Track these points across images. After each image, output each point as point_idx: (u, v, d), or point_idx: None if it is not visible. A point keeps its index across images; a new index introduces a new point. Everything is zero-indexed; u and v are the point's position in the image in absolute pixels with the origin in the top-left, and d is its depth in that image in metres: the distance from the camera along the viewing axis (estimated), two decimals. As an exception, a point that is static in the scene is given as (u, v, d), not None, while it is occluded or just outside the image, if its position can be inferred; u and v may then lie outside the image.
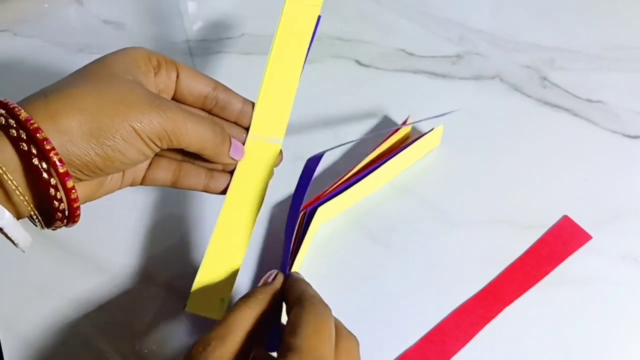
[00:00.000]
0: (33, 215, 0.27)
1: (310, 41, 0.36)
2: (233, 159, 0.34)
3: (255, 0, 0.59)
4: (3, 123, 0.25)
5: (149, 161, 0.34)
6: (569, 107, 0.50)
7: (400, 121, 0.48)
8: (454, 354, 0.38)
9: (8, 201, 0.26)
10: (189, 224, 0.43)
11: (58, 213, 0.27)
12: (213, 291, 0.33)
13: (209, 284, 0.33)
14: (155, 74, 0.31)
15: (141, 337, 0.38)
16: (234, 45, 0.55)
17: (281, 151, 0.36)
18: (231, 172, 0.35)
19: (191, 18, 0.58)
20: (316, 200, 0.41)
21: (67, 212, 0.27)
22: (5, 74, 0.53)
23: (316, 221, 0.40)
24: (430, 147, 0.47)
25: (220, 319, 0.27)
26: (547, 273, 0.41)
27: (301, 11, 0.36)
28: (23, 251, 0.27)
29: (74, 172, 0.27)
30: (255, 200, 0.34)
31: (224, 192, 0.35)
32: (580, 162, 0.47)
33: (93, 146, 0.27)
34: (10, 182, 0.25)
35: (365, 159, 0.43)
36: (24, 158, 0.25)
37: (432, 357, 0.38)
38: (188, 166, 0.34)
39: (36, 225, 0.28)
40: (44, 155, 0.25)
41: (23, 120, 0.25)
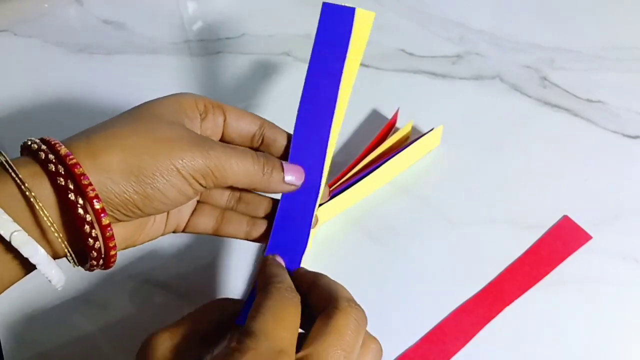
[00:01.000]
0: (67, 253, 0.26)
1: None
2: (292, 184, 0.32)
3: (255, 0, 0.59)
4: (43, 158, 0.25)
5: (194, 207, 0.33)
6: (569, 107, 0.50)
7: (400, 121, 0.48)
8: (454, 354, 0.38)
9: (43, 238, 0.25)
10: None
11: (93, 252, 0.26)
12: None
13: None
14: (202, 119, 0.31)
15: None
16: (234, 45, 0.55)
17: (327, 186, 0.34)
18: (269, 218, 0.33)
19: (191, 18, 0.58)
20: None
21: (103, 252, 0.27)
22: (5, 74, 0.53)
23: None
24: (430, 147, 0.47)
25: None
26: (547, 273, 0.41)
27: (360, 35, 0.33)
28: (57, 288, 0.27)
29: (112, 212, 0.26)
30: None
31: (262, 239, 0.33)
32: (580, 162, 0.47)
33: (132, 184, 0.26)
34: (46, 219, 0.24)
35: (365, 159, 0.43)
36: (61, 193, 0.25)
37: (432, 357, 0.38)
38: (230, 214, 0.33)
39: (70, 262, 0.27)
40: (81, 190, 0.25)
41: (63, 155, 0.25)
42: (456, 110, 0.50)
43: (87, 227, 0.25)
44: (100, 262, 0.27)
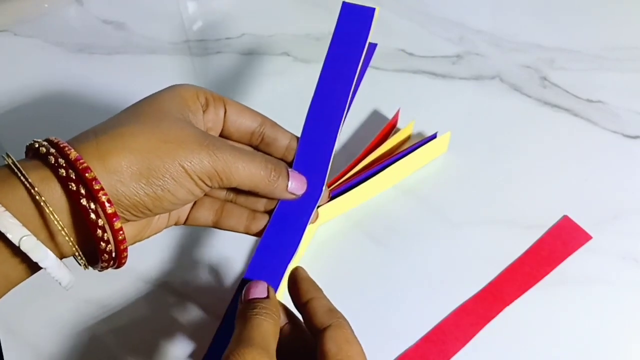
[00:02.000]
0: (77, 255, 0.26)
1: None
2: (293, 194, 0.31)
3: (255, 0, 0.59)
4: (52, 162, 0.25)
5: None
6: (569, 107, 0.50)
7: (400, 121, 0.48)
8: (454, 354, 0.38)
9: (51, 241, 0.25)
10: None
11: (105, 255, 0.26)
12: None
13: None
14: (203, 112, 0.31)
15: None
16: (234, 45, 0.55)
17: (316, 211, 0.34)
18: (269, 213, 0.33)
19: (191, 18, 0.58)
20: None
21: (115, 254, 0.27)
22: (5, 74, 0.53)
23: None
24: (436, 154, 0.46)
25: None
26: (547, 273, 0.41)
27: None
28: (66, 290, 0.27)
29: (122, 213, 0.27)
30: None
31: (261, 234, 0.33)
32: (580, 162, 0.47)
33: (142, 186, 0.26)
34: (56, 223, 0.24)
35: (365, 160, 0.43)
36: (72, 198, 0.25)
37: (432, 357, 0.38)
38: (230, 206, 0.33)
39: (80, 264, 0.27)
40: (93, 195, 0.25)
41: (73, 159, 0.25)
42: (456, 110, 0.50)
43: (100, 232, 0.25)
44: (111, 263, 0.27)
